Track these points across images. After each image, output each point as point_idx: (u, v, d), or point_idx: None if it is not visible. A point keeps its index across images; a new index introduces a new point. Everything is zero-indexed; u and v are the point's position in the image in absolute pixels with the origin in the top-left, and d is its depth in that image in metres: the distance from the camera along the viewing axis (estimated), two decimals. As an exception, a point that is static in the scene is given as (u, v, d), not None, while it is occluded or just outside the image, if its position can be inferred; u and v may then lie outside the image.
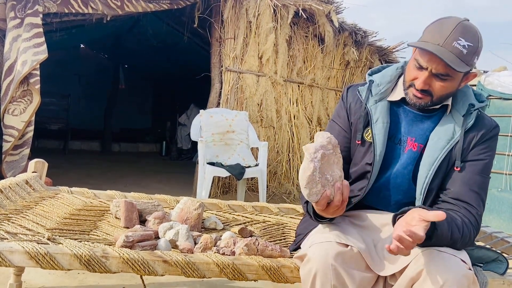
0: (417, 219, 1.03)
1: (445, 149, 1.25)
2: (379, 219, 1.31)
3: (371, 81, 1.37)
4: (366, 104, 1.34)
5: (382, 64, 5.48)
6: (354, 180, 1.36)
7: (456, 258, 1.10)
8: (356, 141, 1.36)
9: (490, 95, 4.11)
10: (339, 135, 1.40)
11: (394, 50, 5.43)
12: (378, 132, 1.30)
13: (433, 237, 1.09)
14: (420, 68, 1.22)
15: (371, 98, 1.35)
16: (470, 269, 1.11)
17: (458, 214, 1.20)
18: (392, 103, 1.35)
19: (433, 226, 1.09)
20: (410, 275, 1.10)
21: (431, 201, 1.28)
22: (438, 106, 1.30)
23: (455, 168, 1.25)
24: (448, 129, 1.27)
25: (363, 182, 1.32)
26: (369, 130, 1.32)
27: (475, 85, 4.35)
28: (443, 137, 1.26)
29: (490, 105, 4.13)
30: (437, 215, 1.00)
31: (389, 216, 1.27)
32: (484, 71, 4.54)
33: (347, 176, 1.37)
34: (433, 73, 1.20)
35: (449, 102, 1.29)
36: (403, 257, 1.13)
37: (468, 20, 1.22)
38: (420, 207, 1.10)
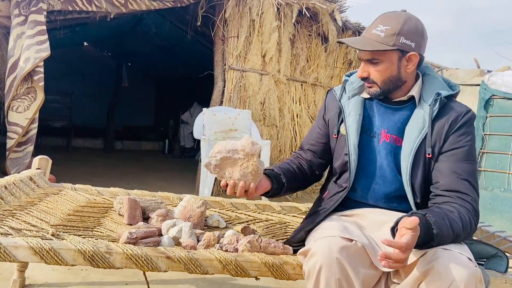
0: (401, 230, 1.04)
1: (418, 139, 1.30)
2: (378, 218, 1.32)
3: (346, 80, 1.48)
4: (340, 101, 1.46)
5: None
6: (340, 173, 1.45)
7: (463, 256, 1.10)
8: (333, 136, 1.47)
9: (493, 95, 4.11)
10: (314, 131, 1.57)
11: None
12: (351, 123, 1.40)
13: (435, 238, 1.09)
14: (360, 60, 1.36)
15: (345, 95, 1.46)
16: (476, 267, 1.10)
17: (453, 205, 1.21)
18: (367, 99, 1.44)
19: (429, 229, 1.09)
20: (417, 274, 1.09)
21: (420, 193, 1.31)
22: (406, 98, 1.37)
23: (427, 155, 1.30)
24: (419, 120, 1.32)
25: (347, 174, 1.40)
26: (344, 124, 1.43)
27: (478, 85, 4.35)
28: (415, 127, 1.32)
29: (493, 105, 4.12)
30: (411, 221, 1.02)
31: (386, 215, 1.31)
32: (488, 71, 4.53)
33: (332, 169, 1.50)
34: (365, 61, 1.33)
35: (414, 93, 1.36)
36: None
37: (405, 11, 1.34)
38: (407, 215, 1.11)
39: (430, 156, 1.29)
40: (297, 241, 1.43)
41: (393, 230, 1.12)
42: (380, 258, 1.02)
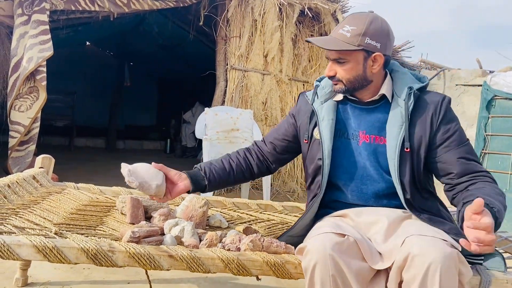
0: (470, 217, 1.06)
1: (399, 135, 1.32)
2: (367, 218, 1.33)
3: (317, 86, 1.49)
4: (312, 105, 1.47)
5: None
6: (313, 178, 1.47)
7: (437, 239, 1.13)
8: (304, 140, 1.49)
9: (496, 95, 4.10)
10: (281, 127, 1.60)
11: (399, 49, 5.41)
12: (324, 128, 1.42)
13: (497, 215, 1.13)
14: (328, 59, 1.40)
15: (317, 100, 1.48)
16: (453, 246, 1.13)
17: (475, 184, 1.26)
18: (339, 103, 1.47)
19: (490, 208, 1.12)
20: (397, 264, 1.12)
21: (410, 189, 1.33)
22: (377, 97, 1.40)
23: (406, 149, 1.32)
24: (397, 116, 1.35)
25: (319, 177, 1.42)
26: (317, 129, 1.44)
27: (480, 85, 4.34)
28: (395, 124, 1.34)
29: (496, 105, 4.11)
30: (477, 202, 1.04)
31: (375, 215, 1.32)
32: (490, 71, 4.52)
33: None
34: (332, 60, 1.37)
35: (384, 91, 1.38)
36: (395, 252, 1.15)
37: (372, 12, 1.37)
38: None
39: (409, 150, 1.32)
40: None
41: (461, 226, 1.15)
42: (472, 242, 1.03)
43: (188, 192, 1.51)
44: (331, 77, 1.39)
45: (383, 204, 1.39)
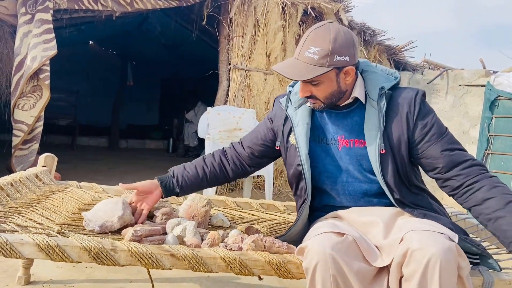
0: None
1: (378, 137, 1.32)
2: (363, 219, 1.34)
3: (290, 92, 1.49)
4: (286, 112, 1.47)
5: (390, 63, 5.46)
6: (296, 184, 1.47)
7: (435, 233, 1.13)
8: (276, 147, 1.50)
9: (499, 96, 4.09)
10: (258, 131, 1.59)
11: (402, 49, 5.41)
12: (299, 134, 1.41)
13: None
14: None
15: (291, 106, 1.47)
16: (452, 240, 1.13)
17: (474, 183, 1.26)
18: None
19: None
20: (397, 260, 1.12)
21: (398, 189, 1.33)
22: (351, 100, 1.39)
23: (381, 151, 1.32)
24: (372, 119, 1.34)
25: (303, 182, 1.42)
26: (293, 134, 1.43)
27: (484, 85, 4.33)
28: (372, 127, 1.34)
29: (499, 106, 4.10)
30: None
31: (369, 215, 1.32)
32: (494, 72, 4.51)
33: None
34: (304, 82, 1.33)
35: (356, 93, 1.38)
36: (394, 248, 1.15)
37: (332, 22, 1.34)
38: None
39: (384, 151, 1.31)
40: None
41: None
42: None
43: (161, 197, 1.57)
44: (308, 97, 1.38)
45: (374, 203, 1.39)
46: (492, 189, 1.24)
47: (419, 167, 1.42)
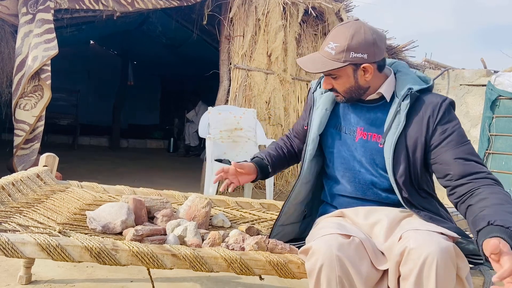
0: (491, 257, 1.02)
1: (395, 135, 1.33)
2: (368, 220, 1.34)
3: (322, 76, 1.51)
4: (313, 94, 1.55)
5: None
6: (302, 162, 1.52)
7: (434, 233, 1.13)
8: (305, 127, 1.58)
9: (500, 95, 4.09)
10: (300, 120, 1.67)
11: (403, 49, 5.40)
12: (315, 117, 1.49)
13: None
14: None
15: (319, 89, 1.54)
16: (449, 240, 1.13)
17: (478, 189, 1.21)
18: None
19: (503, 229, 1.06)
20: (395, 259, 1.13)
21: (407, 188, 1.33)
22: (377, 96, 1.41)
23: (379, 145, 1.35)
24: (394, 117, 1.35)
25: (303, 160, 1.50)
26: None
27: (485, 85, 4.33)
28: (392, 124, 1.35)
29: (500, 105, 4.10)
30: (492, 247, 1.00)
31: (375, 216, 1.32)
32: (495, 71, 4.50)
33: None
34: (326, 75, 1.40)
35: (383, 90, 1.39)
36: (393, 249, 1.15)
37: (358, 20, 1.38)
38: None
39: (382, 146, 1.33)
40: (286, 240, 1.52)
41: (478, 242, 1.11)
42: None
43: (253, 181, 1.63)
44: (330, 90, 1.43)
45: (382, 197, 1.39)
46: (492, 193, 1.19)
47: (433, 174, 1.40)
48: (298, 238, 1.56)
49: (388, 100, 1.39)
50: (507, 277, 0.98)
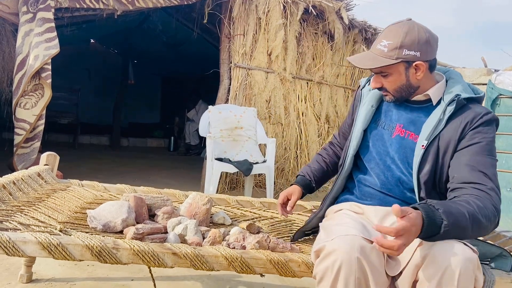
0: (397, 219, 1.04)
1: (431, 135, 1.33)
2: (386, 221, 1.34)
3: (372, 74, 1.50)
4: (361, 90, 1.57)
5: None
6: (344, 157, 1.55)
7: (460, 242, 1.11)
8: (350, 122, 1.60)
9: (500, 94, 4.08)
10: (346, 119, 1.69)
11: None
12: (361, 113, 1.51)
13: (443, 228, 1.06)
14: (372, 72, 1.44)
15: (367, 86, 1.56)
16: (474, 252, 1.11)
17: (465, 196, 1.20)
18: None
19: (434, 220, 1.06)
20: (415, 262, 1.11)
21: (426, 188, 1.32)
22: (423, 98, 1.41)
23: (421, 146, 1.33)
24: (435, 118, 1.36)
25: (345, 156, 1.52)
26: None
27: (485, 84, 4.32)
28: (430, 125, 1.35)
29: (500, 104, 4.09)
30: (395, 209, 1.01)
31: (390, 221, 1.32)
32: (495, 70, 4.50)
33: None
34: (376, 73, 1.40)
35: (431, 92, 1.39)
36: (409, 254, 1.13)
37: (410, 19, 1.38)
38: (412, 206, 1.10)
39: (424, 146, 1.33)
40: (309, 228, 1.59)
41: None
42: (374, 243, 1.04)
43: (301, 197, 1.70)
44: (379, 89, 1.43)
45: (407, 197, 1.39)
46: (471, 200, 1.16)
47: None
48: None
49: (434, 104, 1.39)
50: (384, 232, 1.01)
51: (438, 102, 1.39)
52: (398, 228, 0.99)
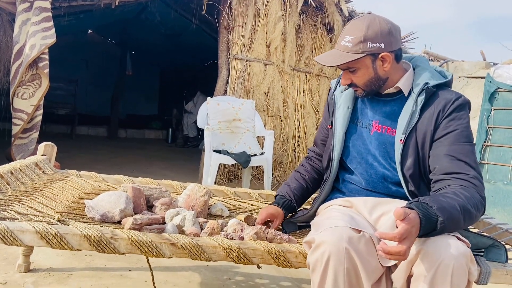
0: (397, 222, 1.04)
1: (408, 128, 1.34)
2: (376, 212, 1.34)
3: (341, 75, 1.50)
4: (333, 93, 1.56)
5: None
6: (327, 161, 1.54)
7: (452, 236, 1.12)
8: (328, 126, 1.57)
9: (499, 88, 4.08)
10: (322, 126, 1.66)
11: (403, 40, 5.38)
12: (339, 116, 1.50)
13: (439, 224, 1.08)
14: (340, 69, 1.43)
15: (339, 88, 1.55)
16: (467, 245, 1.12)
17: (450, 187, 1.21)
18: None
19: (430, 216, 1.07)
20: (409, 257, 1.11)
21: (414, 182, 1.33)
22: (394, 90, 1.42)
23: (400, 141, 1.34)
24: (408, 110, 1.37)
25: (330, 163, 1.51)
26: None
27: (484, 77, 4.32)
28: (405, 118, 1.36)
29: (498, 98, 4.10)
30: (397, 212, 1.02)
31: (383, 208, 1.33)
32: (494, 64, 4.50)
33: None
34: (344, 70, 1.40)
35: (401, 84, 1.40)
36: None
37: (370, 13, 1.39)
38: (405, 206, 1.10)
39: (402, 141, 1.33)
40: (302, 222, 1.58)
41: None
42: (380, 252, 1.04)
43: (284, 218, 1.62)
44: (349, 85, 1.43)
45: (392, 191, 1.40)
46: (458, 191, 1.17)
47: None
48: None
49: (406, 95, 1.40)
50: (388, 238, 1.01)
51: (410, 92, 1.39)
52: (401, 231, 1.00)
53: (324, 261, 1.13)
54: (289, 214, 1.63)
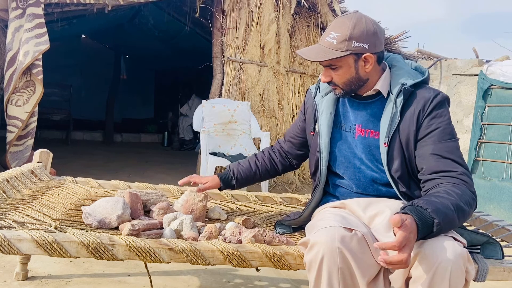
0: (394, 229, 1.05)
1: (390, 131, 1.34)
2: (369, 212, 1.34)
3: (320, 80, 1.50)
4: (314, 99, 1.54)
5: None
6: (314, 169, 1.54)
7: (448, 237, 1.13)
8: (310, 133, 1.56)
9: (492, 85, 4.11)
10: (295, 125, 1.68)
11: (396, 39, 5.40)
12: (323, 122, 1.48)
13: (436, 226, 1.08)
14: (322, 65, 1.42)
15: (319, 93, 1.54)
16: (465, 247, 1.13)
17: (441, 186, 1.22)
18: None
19: (426, 219, 1.07)
20: None
21: (404, 183, 1.34)
22: (374, 92, 1.41)
23: (384, 144, 1.34)
24: (388, 113, 1.37)
25: (319, 171, 1.50)
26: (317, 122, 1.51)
27: (477, 75, 4.35)
28: (386, 120, 1.36)
29: (492, 95, 4.12)
30: (393, 220, 1.02)
31: (376, 208, 1.34)
32: (487, 61, 4.53)
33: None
34: (325, 66, 1.39)
35: (379, 86, 1.40)
36: None
37: (357, 11, 1.37)
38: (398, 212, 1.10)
39: (386, 144, 1.34)
40: (297, 225, 1.58)
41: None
42: (382, 263, 1.04)
43: (219, 189, 1.70)
44: (328, 82, 1.42)
45: (382, 192, 1.40)
46: (449, 189, 1.18)
47: None
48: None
49: (385, 96, 1.40)
50: (388, 248, 1.02)
51: (388, 94, 1.39)
52: (400, 240, 1.00)
53: (318, 261, 1.14)
54: (226, 189, 1.70)
